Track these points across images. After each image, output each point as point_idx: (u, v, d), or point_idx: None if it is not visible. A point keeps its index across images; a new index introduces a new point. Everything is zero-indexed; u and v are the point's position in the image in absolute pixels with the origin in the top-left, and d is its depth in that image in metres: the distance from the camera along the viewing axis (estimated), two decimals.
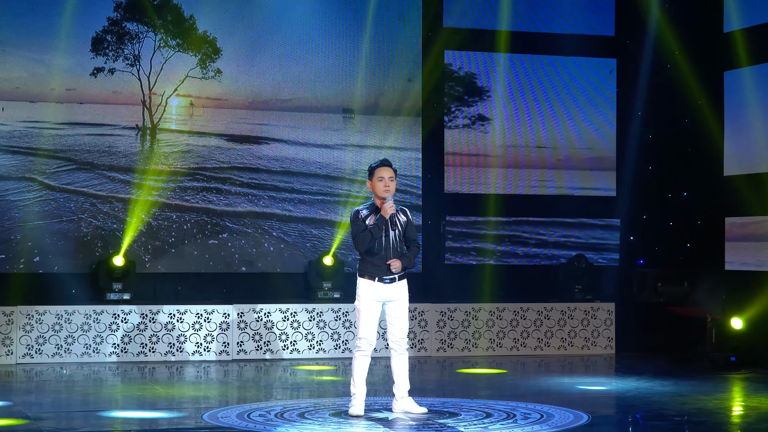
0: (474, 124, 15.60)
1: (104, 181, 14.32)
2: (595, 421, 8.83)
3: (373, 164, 8.98)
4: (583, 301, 14.76)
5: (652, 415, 9.25)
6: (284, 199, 14.92)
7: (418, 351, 14.10)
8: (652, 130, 15.68)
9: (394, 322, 8.96)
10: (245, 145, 14.86)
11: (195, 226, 14.57)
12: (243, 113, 14.88)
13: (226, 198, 14.71)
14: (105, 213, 14.26)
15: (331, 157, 15.11)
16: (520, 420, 8.75)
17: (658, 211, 15.72)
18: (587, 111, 15.87)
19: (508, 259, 15.65)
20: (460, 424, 8.56)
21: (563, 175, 15.84)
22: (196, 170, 14.65)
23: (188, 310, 13.46)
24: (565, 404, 9.60)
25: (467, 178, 15.58)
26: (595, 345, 14.63)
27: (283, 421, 8.69)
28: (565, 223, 15.82)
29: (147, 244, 14.37)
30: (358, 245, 8.85)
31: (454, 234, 15.52)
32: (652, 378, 11.85)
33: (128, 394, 10.71)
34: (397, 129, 15.23)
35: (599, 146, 15.96)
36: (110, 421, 8.97)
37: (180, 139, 14.66)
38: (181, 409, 9.70)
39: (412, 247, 8.99)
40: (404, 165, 15.18)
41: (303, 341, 13.74)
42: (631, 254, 15.83)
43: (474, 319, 14.31)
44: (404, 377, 9.02)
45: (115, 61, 14.33)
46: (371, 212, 8.92)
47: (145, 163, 14.46)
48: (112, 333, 13.23)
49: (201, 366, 13.01)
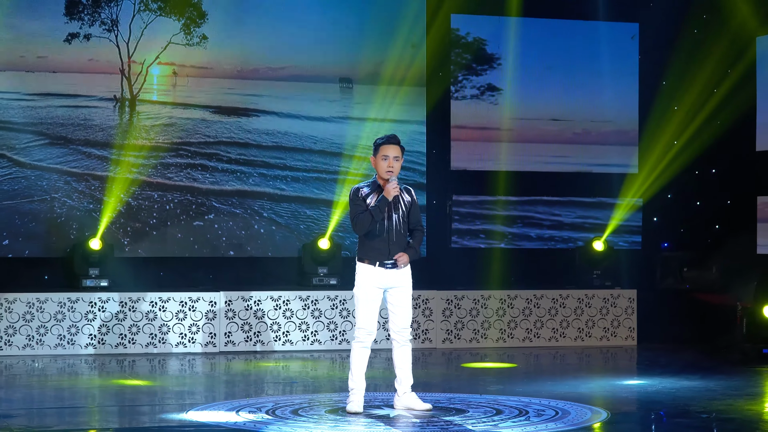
0: (483, 94, 15.58)
1: (79, 157, 14.30)
2: (614, 419, 8.84)
3: (379, 139, 8.91)
4: (602, 288, 14.76)
5: (677, 412, 9.25)
6: (276, 177, 14.90)
7: (422, 342, 14.11)
8: (678, 101, 15.65)
9: (396, 311, 8.96)
10: (233, 117, 14.84)
11: (178, 206, 14.56)
12: (231, 83, 14.85)
13: (213, 175, 14.70)
14: (80, 192, 14.24)
15: (328, 131, 15.09)
16: (533, 417, 8.76)
17: (684, 190, 15.70)
18: (607, 81, 15.84)
19: (520, 242, 15.65)
20: (468, 421, 8.57)
21: (580, 150, 15.82)
22: (179, 145, 14.64)
23: (171, 298, 13.47)
24: (582, 400, 9.61)
25: (476, 153, 15.56)
26: (615, 336, 14.64)
27: (274, 418, 8.70)
28: (583, 203, 15.81)
29: (126, 226, 14.37)
30: (357, 227, 8.83)
31: (462, 215, 15.51)
32: (677, 372, 11.86)
33: (106, 390, 10.71)
34: (399, 100, 15.20)
35: (620, 119, 15.93)
36: (87, 418, 8.98)
37: (162, 111, 14.63)
38: (164, 405, 9.71)
39: (416, 233, 8.97)
40: (407, 140, 15.13)
41: (297, 332, 13.75)
42: (655, 237, 15.82)
43: (483, 307, 14.32)
44: (407, 371, 9.02)
45: (91, 26, 14.29)
46: (372, 191, 8.89)
47: (124, 137, 14.44)
48: (89, 323, 13.24)
49: (185, 359, 13.03)
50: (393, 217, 8.86)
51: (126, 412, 9.34)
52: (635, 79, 15.93)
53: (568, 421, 8.58)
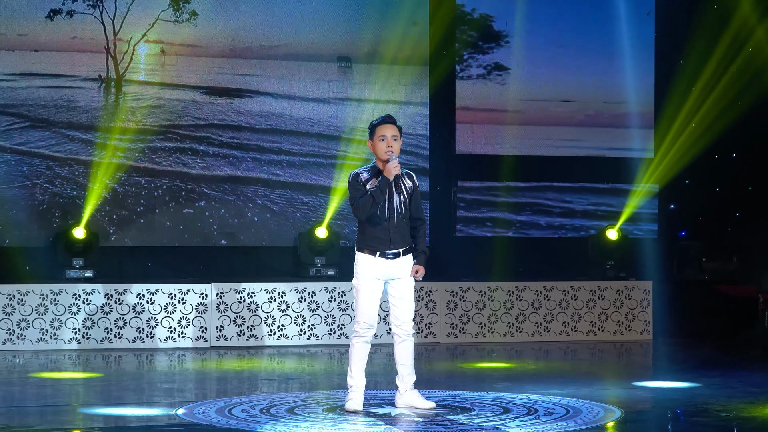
0: (490, 74, 15.56)
1: (62, 140, 14.30)
2: (629, 417, 8.85)
3: (374, 121, 8.97)
4: (615, 280, 14.76)
5: (695, 411, 9.26)
6: (271, 162, 14.90)
7: (425, 337, 14.12)
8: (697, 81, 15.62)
9: (397, 304, 8.96)
10: (225, 99, 14.83)
11: (167, 192, 14.56)
12: (222, 62, 14.84)
13: (203, 160, 14.70)
14: (63, 178, 14.24)
15: (325, 113, 15.08)
16: (543, 416, 8.77)
17: (702, 175, 15.69)
18: (621, 59, 15.81)
19: (528, 231, 15.65)
20: (474, 420, 8.58)
21: (593, 133, 15.81)
22: (168, 128, 14.63)
23: (160, 290, 13.48)
24: (595, 398, 9.62)
25: (482, 136, 15.56)
26: (629, 330, 14.64)
27: (269, 417, 8.70)
28: (595, 189, 15.80)
29: (112, 213, 14.36)
30: (358, 211, 8.83)
31: (467, 202, 15.51)
32: (695, 368, 11.86)
33: (91, 387, 10.72)
34: (401, 80, 15.18)
35: (635, 100, 15.91)
36: (70, 417, 8.99)
37: (149, 92, 14.63)
38: (152, 403, 9.72)
39: (419, 228, 9.01)
40: (409, 122, 15.15)
41: (292, 326, 13.76)
42: (672, 225, 15.82)
43: (490, 300, 14.32)
44: (409, 367, 9.03)
45: (75, 2, 14.28)
46: (372, 176, 8.90)
47: (110, 119, 14.43)
48: (73, 316, 13.24)
49: (175, 354, 13.04)
50: (394, 202, 8.86)
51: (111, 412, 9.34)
52: (651, 58, 15.90)
53: (580, 420, 8.59)
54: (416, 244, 9.03)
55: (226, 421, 8.54)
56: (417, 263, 9.02)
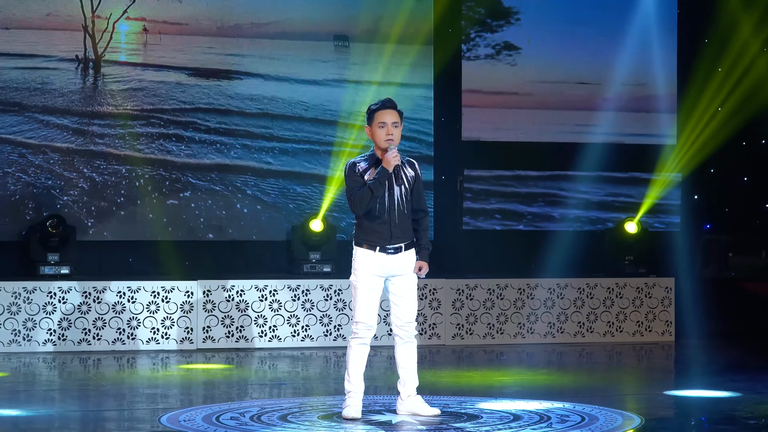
0: (499, 54, 15.56)
1: (36, 126, 14.31)
2: (649, 425, 8.86)
3: (372, 106, 8.98)
4: (635, 276, 14.77)
5: (721, 418, 9.27)
6: (261, 149, 14.91)
7: (429, 338, 14.14)
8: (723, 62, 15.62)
9: (399, 303, 8.97)
10: (212, 81, 14.83)
11: (150, 182, 14.57)
12: (209, 41, 14.84)
13: (189, 147, 14.71)
14: (37, 166, 14.25)
15: (321, 96, 15.09)
16: (556, 424, 8.78)
17: (729, 163, 15.69)
18: (641, 38, 15.81)
19: (541, 224, 15.66)
20: (482, 428, 8.59)
21: (611, 118, 15.80)
22: (151, 113, 14.63)
23: (142, 288, 13.49)
24: (612, 404, 9.63)
25: (490, 121, 15.56)
26: (649, 330, 14.66)
27: (260, 425, 8.72)
28: (613, 179, 15.80)
29: (90, 204, 14.38)
30: (355, 206, 8.85)
31: (474, 192, 15.52)
32: (721, 371, 11.87)
33: (67, 392, 10.72)
34: (402, 61, 15.19)
35: (656, 82, 15.91)
36: (45, 424, 8.99)
37: (131, 73, 14.63)
38: (134, 410, 9.73)
39: (422, 221, 9.02)
40: (412, 106, 15.16)
41: (285, 326, 13.78)
42: (696, 217, 15.83)
43: (499, 298, 14.33)
44: (411, 371, 9.04)
45: None
46: (371, 165, 8.91)
47: (87, 103, 14.43)
48: (47, 316, 13.25)
49: (158, 357, 13.05)
50: (395, 194, 8.87)
51: (90, 419, 9.36)
52: (674, 36, 15.90)
53: (596, 429, 8.60)
54: (419, 238, 9.03)
55: (214, 430, 8.55)
56: (420, 259, 9.02)
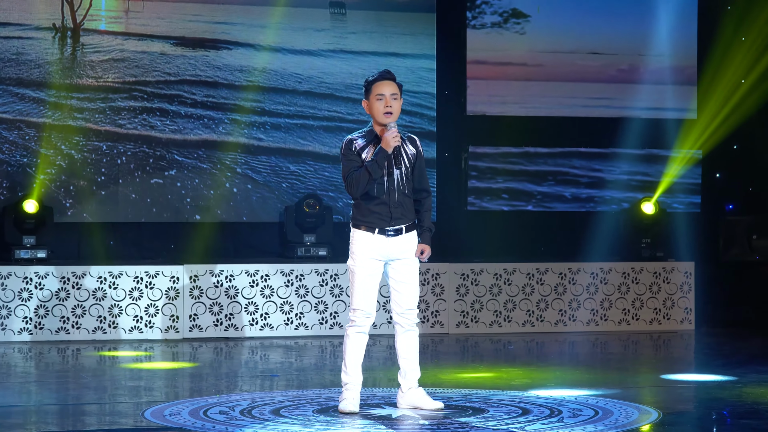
0: (507, 22, 15.56)
1: (10, 99, 14.31)
2: (667, 420, 8.88)
3: (370, 77, 8.98)
4: (652, 260, 14.79)
5: (744, 411, 9.28)
6: (252, 124, 14.91)
7: (431, 326, 14.16)
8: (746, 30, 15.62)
9: (399, 288, 8.98)
10: (199, 51, 14.83)
11: (132, 159, 14.58)
12: (196, 8, 14.83)
13: (174, 122, 14.71)
14: (11, 143, 14.25)
15: (315, 68, 15.08)
16: (568, 418, 8.79)
17: (752, 140, 15.70)
18: (659, 5, 15.80)
19: (551, 204, 15.67)
20: (488, 422, 8.61)
21: (626, 90, 15.81)
22: (133, 85, 14.63)
23: (124, 273, 13.50)
24: (628, 397, 9.65)
25: (497, 94, 15.56)
26: (668, 318, 14.68)
27: (251, 419, 8.74)
28: (629, 156, 15.81)
29: (68, 184, 14.38)
30: (352, 188, 8.85)
31: (480, 170, 15.52)
32: (744, 362, 11.89)
33: (45, 384, 10.75)
34: (403, 29, 15.18)
35: (675, 52, 15.91)
36: (21, 419, 9.01)
37: (112, 43, 14.62)
38: (116, 403, 9.75)
39: (424, 201, 9.01)
40: (414, 78, 15.17)
41: (278, 314, 13.80)
42: (717, 197, 15.83)
43: (506, 284, 14.35)
44: (413, 362, 9.06)
45: None
46: (369, 142, 8.91)
47: (65, 75, 14.43)
48: (23, 303, 13.27)
49: (141, 346, 13.07)
50: (394, 174, 8.87)
51: (69, 413, 9.38)
52: (694, 4, 15.89)
53: (611, 423, 8.62)
54: (420, 219, 9.04)
55: (201, 424, 8.57)
56: (422, 242, 9.03)
